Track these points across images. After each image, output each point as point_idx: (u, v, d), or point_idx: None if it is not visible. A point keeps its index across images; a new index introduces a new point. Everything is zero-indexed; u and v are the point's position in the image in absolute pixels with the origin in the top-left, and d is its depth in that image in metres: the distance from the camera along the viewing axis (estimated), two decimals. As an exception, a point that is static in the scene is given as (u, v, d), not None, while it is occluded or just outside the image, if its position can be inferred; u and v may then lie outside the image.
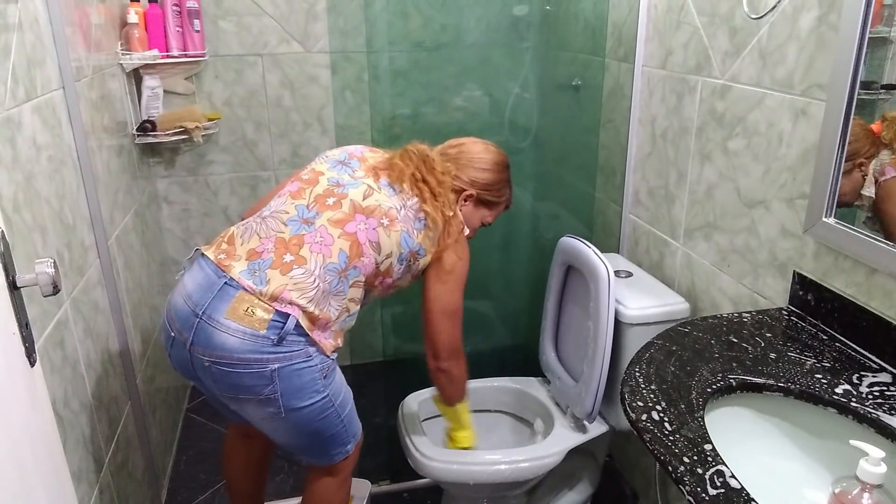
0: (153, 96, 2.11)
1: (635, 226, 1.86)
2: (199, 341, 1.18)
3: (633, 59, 1.76)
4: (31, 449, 0.84)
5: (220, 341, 1.16)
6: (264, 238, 1.25)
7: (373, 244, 1.28)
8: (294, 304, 1.19)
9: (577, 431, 1.67)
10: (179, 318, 1.21)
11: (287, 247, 1.23)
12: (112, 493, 1.45)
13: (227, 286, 1.19)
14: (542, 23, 2.12)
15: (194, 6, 2.06)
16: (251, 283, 1.19)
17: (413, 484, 2.03)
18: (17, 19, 1.16)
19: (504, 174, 1.51)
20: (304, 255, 1.23)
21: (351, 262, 1.26)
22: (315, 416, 1.28)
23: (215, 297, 1.18)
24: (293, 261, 1.21)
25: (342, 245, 1.25)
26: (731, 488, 0.81)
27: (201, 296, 1.19)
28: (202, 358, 1.19)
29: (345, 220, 1.27)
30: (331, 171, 1.35)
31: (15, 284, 0.82)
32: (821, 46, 1.15)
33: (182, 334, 1.20)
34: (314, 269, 1.22)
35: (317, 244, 1.24)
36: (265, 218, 1.29)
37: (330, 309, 1.25)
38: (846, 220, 1.12)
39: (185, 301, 1.21)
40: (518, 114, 2.16)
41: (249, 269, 1.21)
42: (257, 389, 1.20)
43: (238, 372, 1.17)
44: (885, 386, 1.01)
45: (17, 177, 1.10)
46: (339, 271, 1.24)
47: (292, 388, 1.21)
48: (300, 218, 1.27)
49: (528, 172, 2.24)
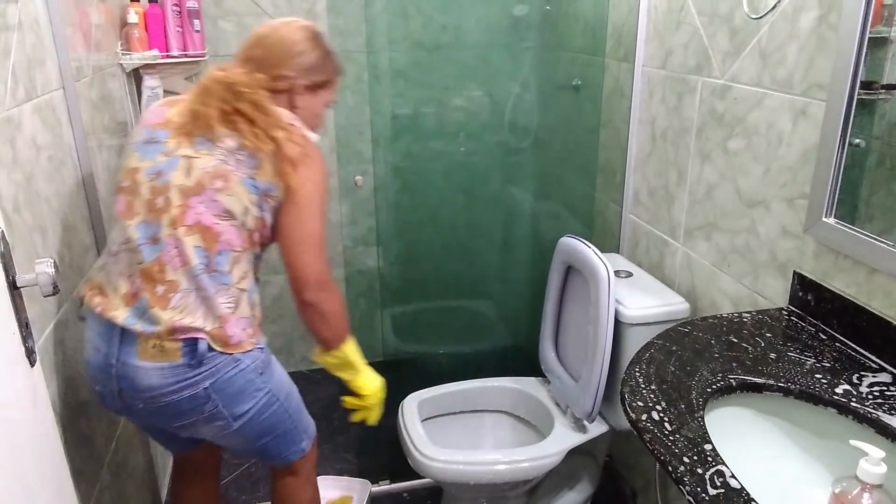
0: (153, 96, 2.11)
1: (635, 226, 1.86)
2: (125, 387, 1.16)
3: (633, 59, 1.76)
4: (31, 449, 0.84)
5: (145, 383, 1.14)
6: (129, 277, 1.16)
7: (222, 216, 1.17)
8: (191, 328, 1.14)
9: (577, 431, 1.67)
10: (99, 371, 1.17)
11: (153, 278, 1.15)
12: (112, 493, 1.45)
13: (124, 331, 1.15)
14: (542, 23, 2.12)
15: (194, 6, 2.06)
16: (142, 328, 1.14)
17: (413, 484, 2.03)
18: (17, 19, 1.16)
19: (322, 44, 1.33)
20: (171, 277, 1.15)
21: (210, 251, 1.16)
22: (261, 415, 1.24)
23: (121, 343, 1.15)
24: (166, 290, 1.15)
25: (194, 242, 1.15)
26: (731, 488, 0.81)
27: (108, 345, 1.15)
28: (135, 402, 1.17)
29: (182, 213, 1.16)
30: (143, 161, 1.20)
31: (15, 284, 0.82)
32: (821, 46, 1.15)
33: (107, 386, 1.17)
34: (185, 284, 1.15)
35: (175, 257, 1.15)
36: (117, 254, 1.18)
37: (223, 307, 1.17)
38: (846, 220, 1.12)
39: (96, 353, 1.17)
40: (518, 114, 2.16)
41: (133, 314, 1.14)
42: (199, 410, 1.17)
43: (173, 401, 1.15)
44: (885, 386, 1.01)
45: (17, 177, 1.10)
46: (205, 269, 1.16)
47: (230, 396, 1.18)
48: (147, 238, 1.17)
49: (528, 172, 2.24)
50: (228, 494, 2.04)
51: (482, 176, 2.25)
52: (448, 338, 2.34)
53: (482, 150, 2.21)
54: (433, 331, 2.35)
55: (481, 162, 2.22)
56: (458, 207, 2.29)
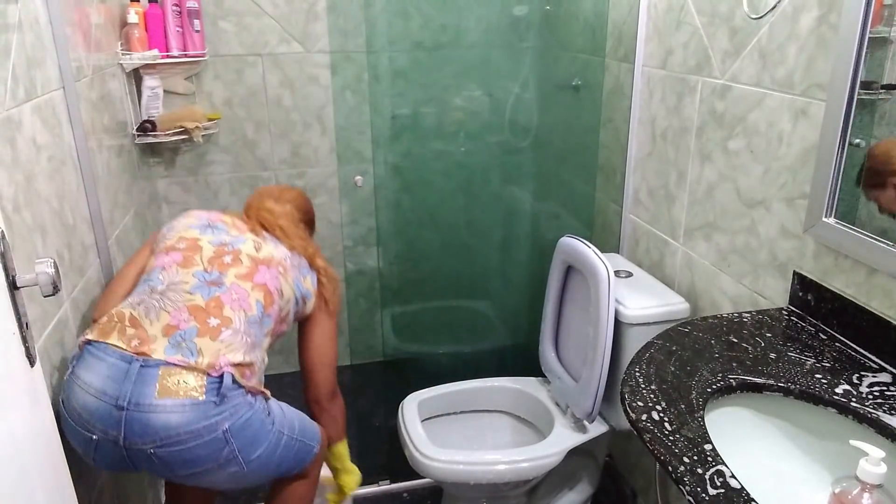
0: (153, 96, 2.11)
1: (635, 226, 1.86)
2: (134, 433, 1.09)
3: (633, 59, 1.76)
4: (31, 449, 0.84)
5: (161, 423, 1.09)
6: (174, 311, 1.19)
7: (279, 291, 1.35)
8: (230, 364, 1.17)
9: (577, 431, 1.67)
10: (98, 418, 1.09)
11: (208, 311, 1.21)
12: (112, 493, 1.45)
13: (143, 369, 1.11)
14: (542, 23, 2.12)
15: (194, 6, 2.06)
16: (181, 358, 1.13)
17: (413, 484, 2.03)
18: (17, 19, 1.16)
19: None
20: (228, 314, 1.22)
21: (266, 310, 1.31)
22: (274, 452, 1.25)
23: (135, 383, 1.10)
24: (220, 323, 1.20)
25: (257, 296, 1.30)
26: (731, 488, 0.81)
27: (118, 387, 1.09)
28: (143, 448, 1.10)
29: (251, 273, 1.31)
30: (206, 235, 1.36)
31: (15, 284, 0.82)
32: (821, 46, 1.15)
33: (108, 433, 1.09)
34: (239, 326, 1.23)
35: (235, 301, 1.25)
36: (164, 293, 1.23)
37: (255, 357, 1.25)
38: (846, 220, 1.12)
39: (99, 398, 1.09)
40: (518, 114, 2.16)
41: (172, 344, 1.15)
42: (214, 456, 1.14)
43: (190, 447, 1.10)
44: (885, 386, 1.01)
45: (17, 177, 1.10)
46: (258, 321, 1.28)
47: (247, 441, 1.18)
48: (205, 282, 1.25)
49: (528, 172, 2.24)
50: (228, 494, 2.03)
51: (482, 176, 2.25)
52: (448, 338, 2.34)
53: (482, 150, 2.21)
54: (433, 331, 2.35)
55: (481, 162, 2.22)
56: (458, 207, 2.28)
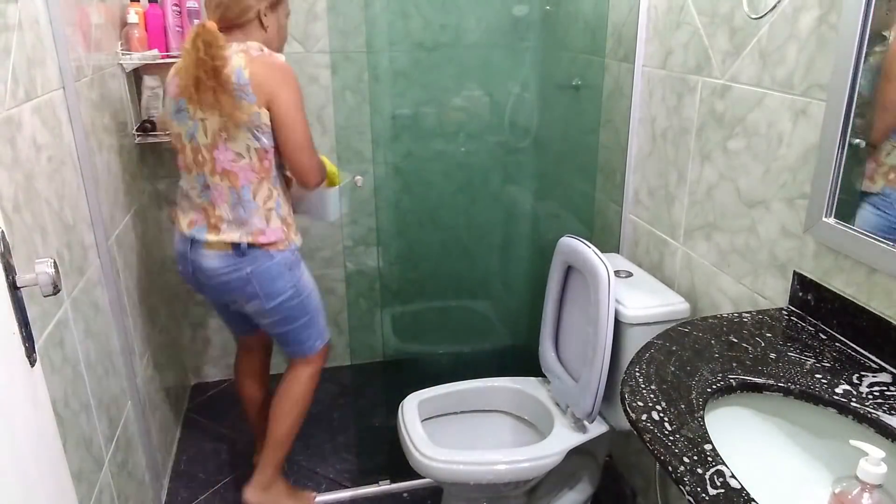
0: (153, 96, 2.11)
1: (635, 226, 1.86)
2: (196, 269, 1.64)
3: (633, 59, 1.76)
4: (31, 449, 0.84)
5: (206, 265, 1.62)
6: (194, 213, 1.62)
7: (234, 159, 1.53)
8: (235, 242, 1.58)
9: (577, 431, 1.67)
10: (180, 260, 1.67)
11: (207, 212, 1.60)
12: (112, 493, 1.45)
13: (193, 243, 1.63)
14: (542, 23, 2.12)
15: (194, 6, 2.06)
16: (202, 238, 1.60)
17: (413, 484, 2.03)
18: (17, 19, 1.16)
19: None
20: (219, 213, 1.58)
21: (236, 188, 1.55)
22: (288, 303, 1.67)
23: (191, 247, 1.62)
24: (216, 221, 1.59)
25: (226, 184, 1.56)
26: (731, 488, 0.81)
27: (183, 246, 1.64)
28: (200, 278, 1.65)
29: (213, 166, 1.55)
30: (180, 126, 1.56)
31: (15, 284, 0.82)
32: (821, 46, 1.15)
33: (185, 268, 1.66)
34: (227, 216, 1.58)
35: (218, 198, 1.58)
36: (186, 194, 1.63)
37: (257, 225, 1.58)
38: (846, 220, 1.12)
39: (180, 247, 1.66)
40: (518, 114, 2.16)
41: (197, 231, 1.61)
42: (242, 290, 1.63)
43: (226, 281, 1.62)
44: (885, 386, 1.01)
45: (17, 177, 1.10)
46: (237, 202, 1.56)
47: (266, 282, 1.62)
48: (200, 186, 1.59)
49: (528, 172, 2.24)
50: (228, 494, 2.04)
51: (482, 176, 2.25)
52: (448, 338, 2.34)
53: (482, 150, 2.21)
54: (433, 331, 2.35)
55: (481, 162, 2.22)
56: (457, 207, 2.28)
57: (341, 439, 2.28)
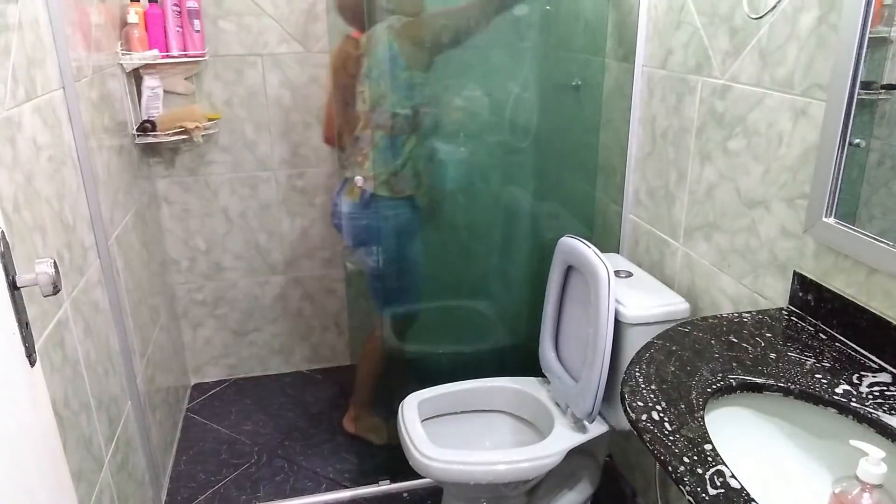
0: (153, 96, 2.11)
1: (635, 226, 1.86)
2: (336, 211, 2.04)
3: (633, 59, 1.76)
4: (31, 449, 0.84)
5: (345, 210, 1.99)
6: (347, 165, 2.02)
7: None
8: (362, 187, 1.92)
9: (577, 431, 1.67)
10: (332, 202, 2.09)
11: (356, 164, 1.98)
12: (112, 493, 1.45)
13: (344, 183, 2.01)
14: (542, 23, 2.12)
15: (194, 6, 2.06)
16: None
17: (413, 484, 2.03)
18: (17, 19, 1.16)
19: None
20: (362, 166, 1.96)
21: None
22: (393, 257, 2.00)
23: (340, 189, 2.03)
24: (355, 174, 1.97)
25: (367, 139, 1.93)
26: (731, 488, 0.81)
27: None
28: (341, 221, 2.02)
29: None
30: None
31: (15, 284, 0.82)
32: (821, 46, 1.15)
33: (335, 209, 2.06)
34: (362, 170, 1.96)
35: (358, 155, 1.96)
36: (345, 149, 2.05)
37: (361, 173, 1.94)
38: (846, 220, 1.12)
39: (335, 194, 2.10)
40: (518, 114, 2.16)
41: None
42: (363, 234, 1.99)
43: (353, 224, 2.00)
44: (885, 386, 1.01)
45: (17, 177, 1.10)
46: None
47: (382, 231, 1.95)
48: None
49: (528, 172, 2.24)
50: (229, 494, 2.04)
51: (482, 176, 2.25)
52: (448, 338, 2.34)
53: (482, 150, 2.21)
54: (433, 331, 2.35)
55: (481, 162, 2.22)
56: (457, 207, 2.28)
57: (341, 439, 2.29)
